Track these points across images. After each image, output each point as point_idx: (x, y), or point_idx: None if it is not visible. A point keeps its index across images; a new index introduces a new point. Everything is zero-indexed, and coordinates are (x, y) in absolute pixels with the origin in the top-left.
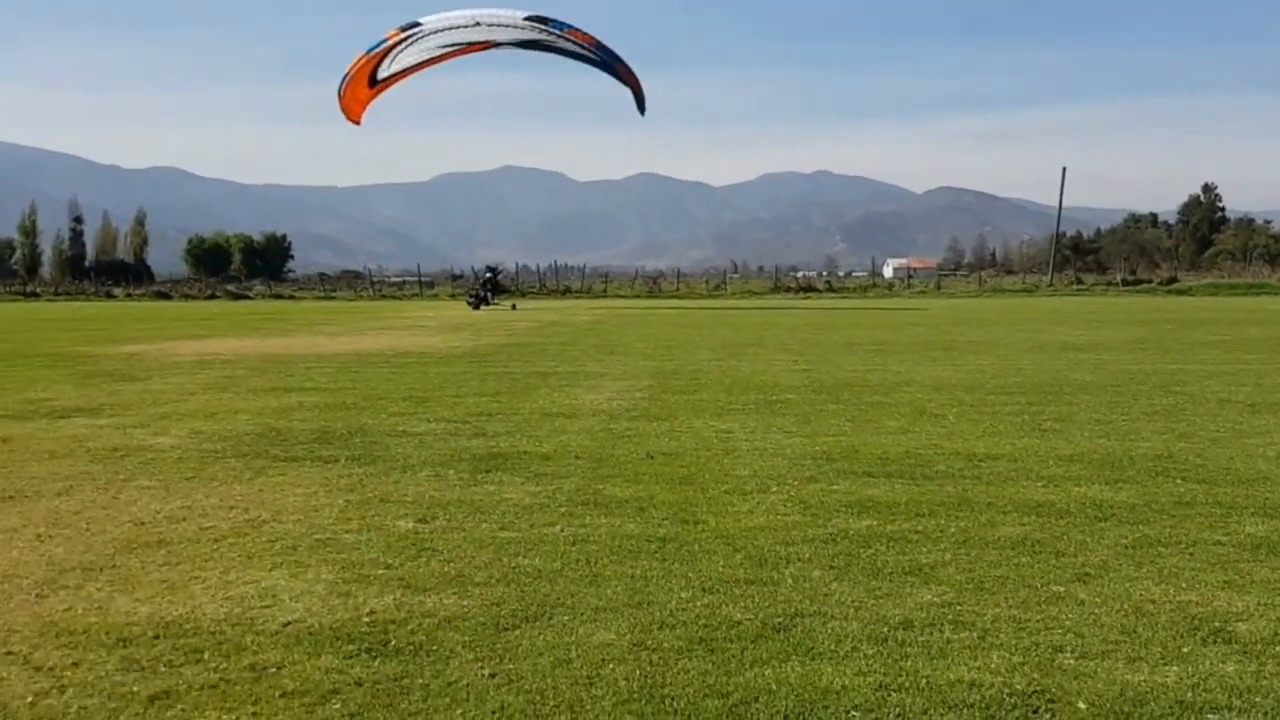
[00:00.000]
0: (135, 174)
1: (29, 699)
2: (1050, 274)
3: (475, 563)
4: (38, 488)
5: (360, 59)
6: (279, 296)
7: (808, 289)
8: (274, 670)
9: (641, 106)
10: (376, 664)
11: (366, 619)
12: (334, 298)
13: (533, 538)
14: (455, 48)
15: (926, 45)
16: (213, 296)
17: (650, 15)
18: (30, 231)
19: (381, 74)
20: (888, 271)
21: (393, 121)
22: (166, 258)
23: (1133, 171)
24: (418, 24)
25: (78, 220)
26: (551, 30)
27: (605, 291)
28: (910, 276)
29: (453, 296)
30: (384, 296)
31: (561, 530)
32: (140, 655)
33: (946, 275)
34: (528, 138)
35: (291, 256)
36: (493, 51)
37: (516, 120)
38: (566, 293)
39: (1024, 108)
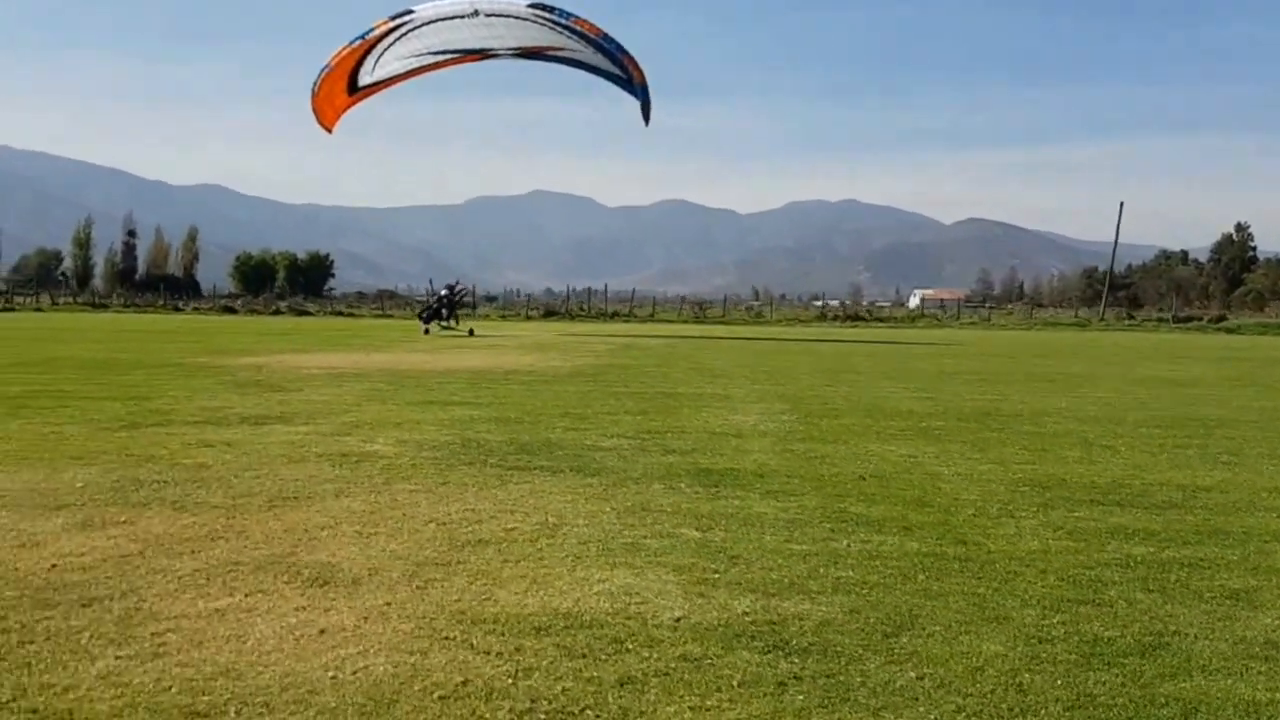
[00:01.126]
0: (181, 190)
1: (508, 680)
2: (1102, 309)
3: (794, 572)
4: (309, 489)
5: (342, 51)
6: (338, 314)
7: (854, 317)
8: (708, 662)
9: (647, 112)
10: (796, 661)
11: (746, 619)
12: (391, 315)
13: (825, 551)
14: (447, 55)
15: (959, 77)
16: (277, 312)
17: (680, 42)
18: (84, 243)
19: (364, 79)
20: (913, 302)
21: (429, 144)
22: (210, 273)
23: (1160, 207)
24: (409, 12)
25: (131, 234)
26: (556, 20)
27: (653, 315)
28: (942, 307)
29: (491, 317)
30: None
31: (848, 545)
32: (569, 643)
33: (975, 307)
34: (560, 163)
35: (333, 275)
36: (506, 66)
37: (550, 146)
38: (614, 316)
39: (1054, 142)
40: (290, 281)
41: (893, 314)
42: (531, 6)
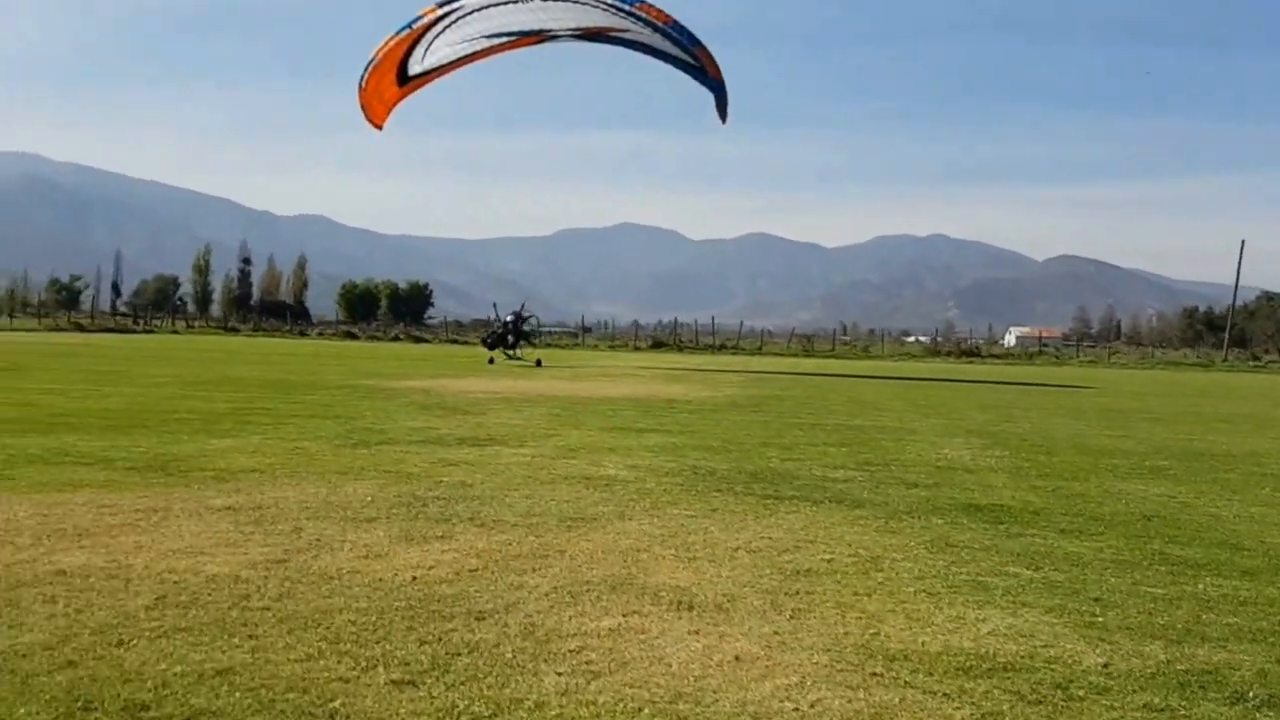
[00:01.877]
0: (286, 220)
1: None
2: (1225, 349)
3: (1177, 617)
4: (589, 511)
5: (389, 42)
6: (454, 341)
7: (969, 353)
8: (1177, 712)
9: (723, 108)
10: (1272, 715)
11: (1176, 667)
12: (529, 343)
13: (1189, 595)
14: (503, 38)
15: (1050, 112)
16: (395, 338)
17: (766, 75)
18: (203, 270)
19: (414, 68)
20: (1009, 339)
21: (518, 177)
22: (315, 299)
23: (1267, 246)
24: None
25: (246, 262)
26: (619, 5)
27: (760, 349)
28: (1042, 345)
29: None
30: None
31: (1203, 589)
32: (1012, 686)
33: (1075, 345)
34: (648, 195)
35: (432, 304)
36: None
37: (638, 178)
38: (721, 348)
39: (1150, 178)
40: (392, 310)
41: (1009, 351)
42: None
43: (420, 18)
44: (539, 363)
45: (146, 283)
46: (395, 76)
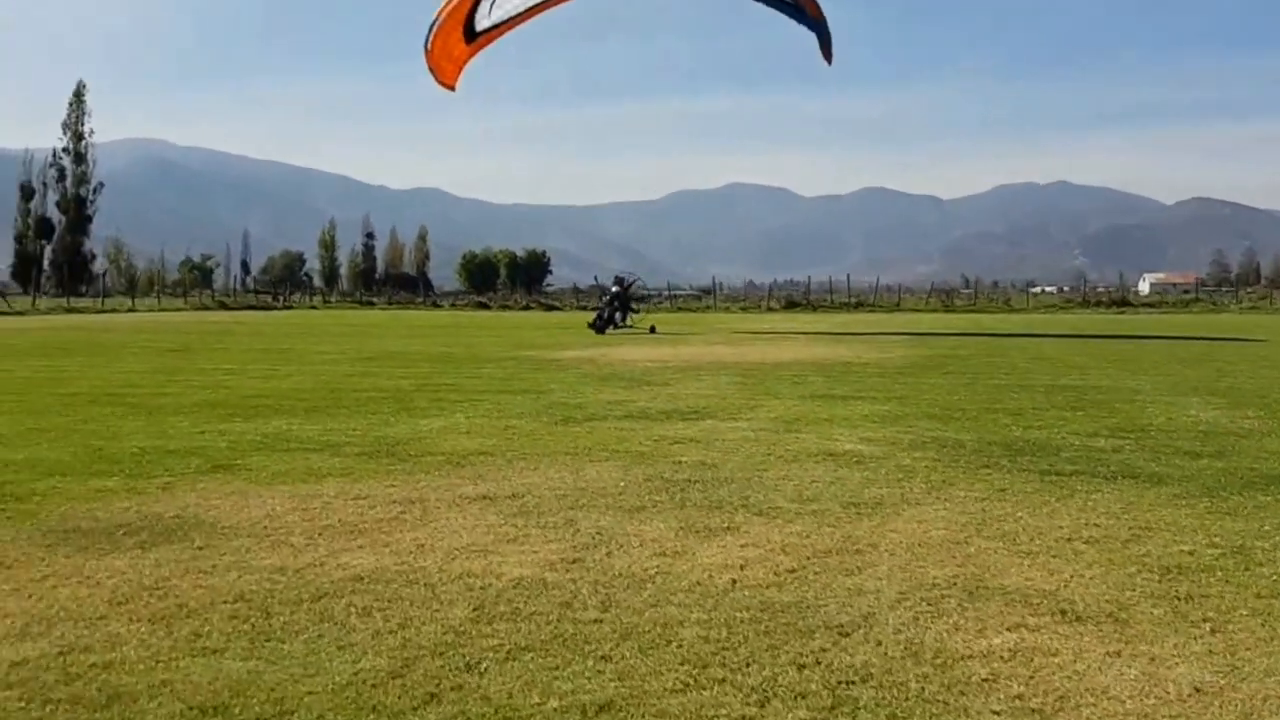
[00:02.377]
0: (401, 194)
1: None
2: None
3: None
4: (865, 494)
5: (450, 1)
6: (583, 308)
7: (1120, 303)
8: None
9: (827, 48)
10: None
11: None
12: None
13: None
14: None
15: (1173, 50)
16: (527, 308)
17: (872, 27)
18: (329, 245)
19: (481, 22)
20: (1143, 287)
21: (626, 142)
22: (434, 270)
23: None
24: None
25: (369, 236)
26: None
27: (898, 305)
28: (1184, 292)
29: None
30: (671, 308)
31: None
32: None
33: (1212, 290)
34: (755, 156)
35: (550, 271)
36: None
37: (745, 139)
38: (858, 306)
39: None
40: (511, 278)
41: (1160, 298)
42: None
43: None
44: (652, 329)
45: (274, 259)
46: (462, 34)
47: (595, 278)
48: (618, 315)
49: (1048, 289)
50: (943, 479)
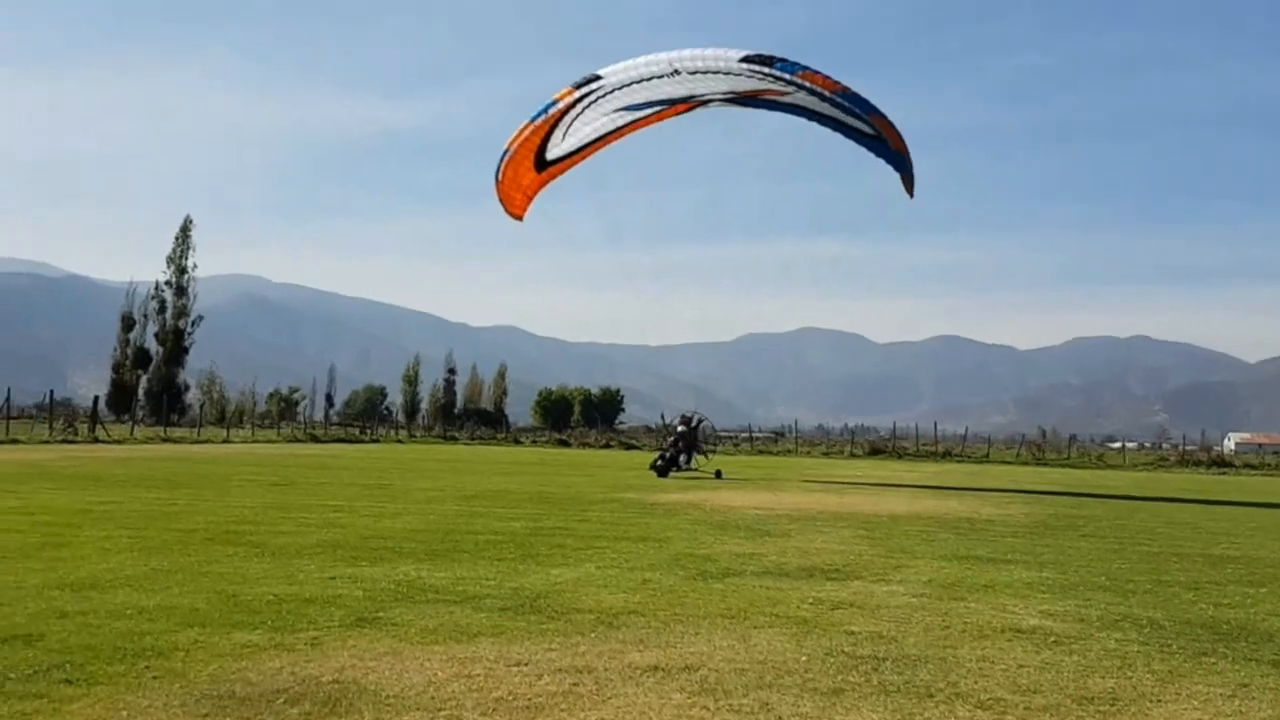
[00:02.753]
0: (480, 331)
1: None
2: None
3: None
4: (1096, 688)
5: (524, 129)
6: (661, 446)
7: (1220, 464)
8: None
9: (909, 181)
10: None
11: None
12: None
13: None
14: (648, 109)
15: (1253, 206)
16: (607, 445)
17: (948, 179)
18: (413, 380)
19: (552, 152)
20: (1228, 445)
21: (698, 284)
22: (509, 406)
23: None
24: (597, 77)
25: (451, 372)
26: (779, 74)
27: (987, 456)
28: (1271, 451)
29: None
30: (748, 450)
31: None
32: None
33: None
34: (829, 300)
35: (624, 409)
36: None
37: (820, 283)
38: (945, 456)
39: None
40: (585, 415)
41: (1263, 460)
42: (747, 61)
43: (555, 102)
44: (719, 474)
45: (356, 393)
46: (533, 163)
47: (662, 416)
48: (682, 457)
49: (1128, 444)
50: (1167, 669)
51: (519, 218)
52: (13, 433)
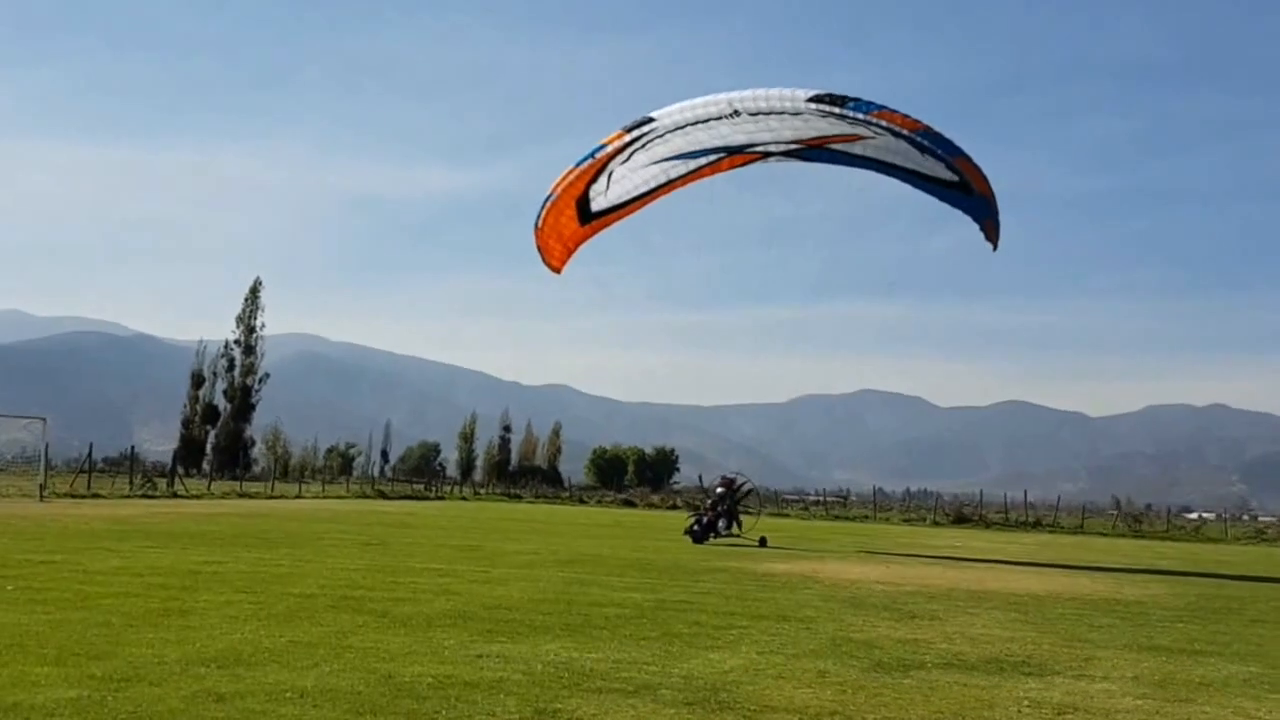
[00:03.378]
0: (532, 390)
1: None
2: None
3: None
4: None
5: (568, 175)
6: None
7: None
8: None
9: (993, 230)
10: None
11: None
12: (786, 515)
13: None
14: (703, 158)
15: None
16: (674, 507)
17: (1017, 243)
18: (469, 438)
19: (598, 203)
20: None
21: (754, 344)
22: (563, 464)
23: None
24: (649, 120)
25: (506, 429)
26: (851, 114)
27: (1081, 526)
28: None
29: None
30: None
31: None
32: None
33: None
34: (890, 362)
35: (678, 469)
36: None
37: (880, 345)
38: (1036, 525)
39: None
40: (638, 475)
41: None
42: (816, 100)
43: (604, 146)
44: (763, 541)
45: (411, 449)
46: (576, 213)
47: (700, 477)
48: (721, 522)
49: (1205, 515)
50: None
51: (557, 270)
52: (94, 487)
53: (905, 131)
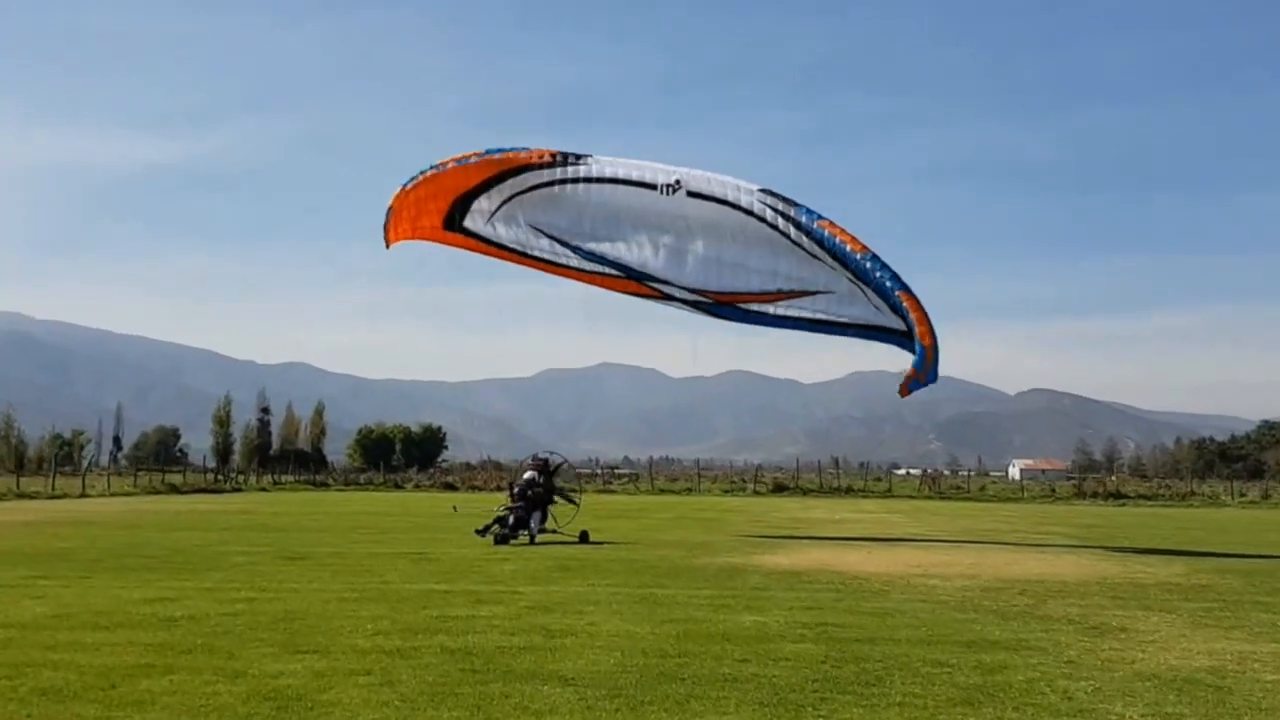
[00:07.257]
0: (269, 368)
1: None
2: None
3: None
4: None
5: (469, 159)
6: (510, 486)
7: (1115, 495)
8: None
9: (924, 376)
10: None
11: None
12: (614, 491)
13: None
14: (600, 269)
15: (1006, 252)
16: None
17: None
18: (224, 422)
19: (472, 222)
20: (1013, 472)
21: (498, 322)
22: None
23: (1258, 379)
24: (587, 157)
25: (265, 411)
26: (796, 219)
27: (889, 491)
28: (1065, 477)
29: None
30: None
31: None
32: None
33: (1073, 479)
34: (625, 337)
35: (446, 447)
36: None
37: (615, 321)
38: (849, 491)
39: (1122, 313)
40: (405, 454)
41: (1156, 491)
42: (767, 193)
43: (527, 149)
44: (584, 536)
45: (146, 435)
46: (446, 212)
47: (486, 455)
48: (535, 514)
49: (911, 470)
50: None
51: (388, 244)
52: None
53: (856, 255)
